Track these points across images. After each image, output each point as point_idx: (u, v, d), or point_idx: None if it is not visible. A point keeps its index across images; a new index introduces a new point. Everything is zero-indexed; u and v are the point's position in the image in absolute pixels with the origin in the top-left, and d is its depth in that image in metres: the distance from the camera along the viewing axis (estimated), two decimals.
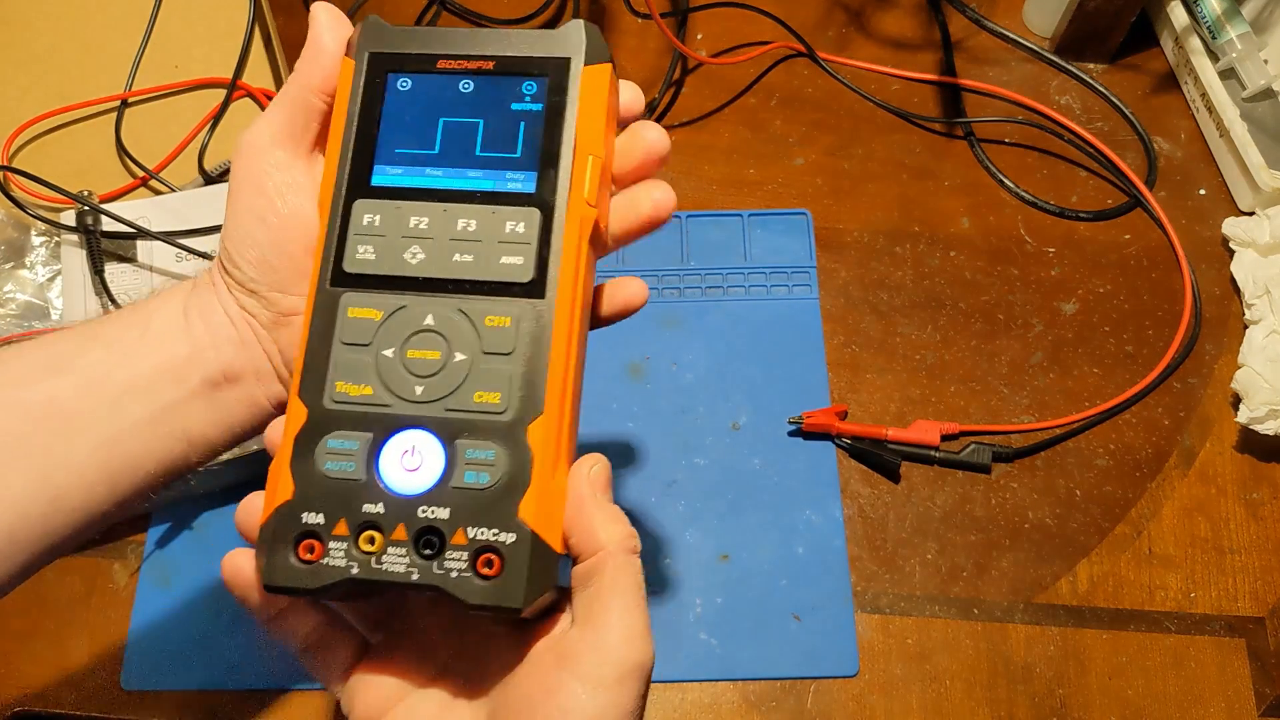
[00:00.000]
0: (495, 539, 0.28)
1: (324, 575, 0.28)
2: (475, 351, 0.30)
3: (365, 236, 0.31)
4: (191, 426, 0.33)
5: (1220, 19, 0.63)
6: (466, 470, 0.29)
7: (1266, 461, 0.55)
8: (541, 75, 0.32)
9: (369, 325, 0.30)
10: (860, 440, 0.54)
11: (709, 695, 0.49)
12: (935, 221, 0.62)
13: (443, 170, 0.32)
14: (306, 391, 0.30)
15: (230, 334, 0.33)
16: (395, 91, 0.33)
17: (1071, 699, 0.49)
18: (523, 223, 0.31)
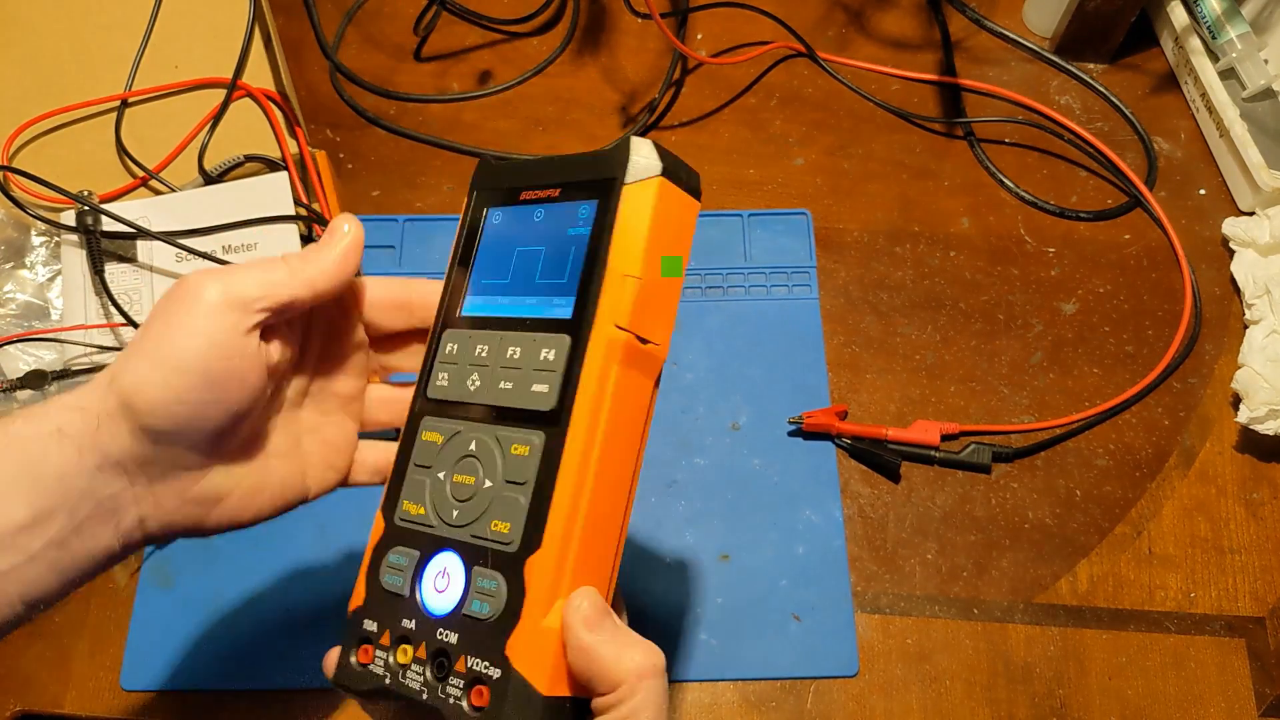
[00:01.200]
0: (485, 671, 0.28)
1: (368, 680, 0.30)
2: (499, 479, 0.30)
3: (445, 364, 0.33)
4: (28, 590, 0.30)
5: (1220, 19, 0.63)
6: (474, 599, 0.29)
7: (1266, 461, 0.55)
8: (591, 198, 0.32)
9: (433, 449, 0.32)
10: (860, 440, 0.54)
11: (709, 695, 0.49)
12: (935, 221, 0.62)
13: (509, 298, 0.33)
14: (386, 506, 0.32)
15: (94, 488, 0.30)
16: (489, 225, 0.34)
17: (1071, 699, 0.49)
18: (553, 350, 0.30)
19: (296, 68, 0.67)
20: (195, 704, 0.49)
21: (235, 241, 0.56)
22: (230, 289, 0.30)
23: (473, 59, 0.69)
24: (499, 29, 0.70)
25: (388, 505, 0.32)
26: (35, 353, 0.54)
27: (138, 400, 0.29)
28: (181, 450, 0.31)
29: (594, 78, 0.68)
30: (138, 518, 0.31)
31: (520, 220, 0.33)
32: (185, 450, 0.31)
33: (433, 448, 0.32)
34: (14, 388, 0.52)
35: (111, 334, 0.54)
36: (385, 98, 0.67)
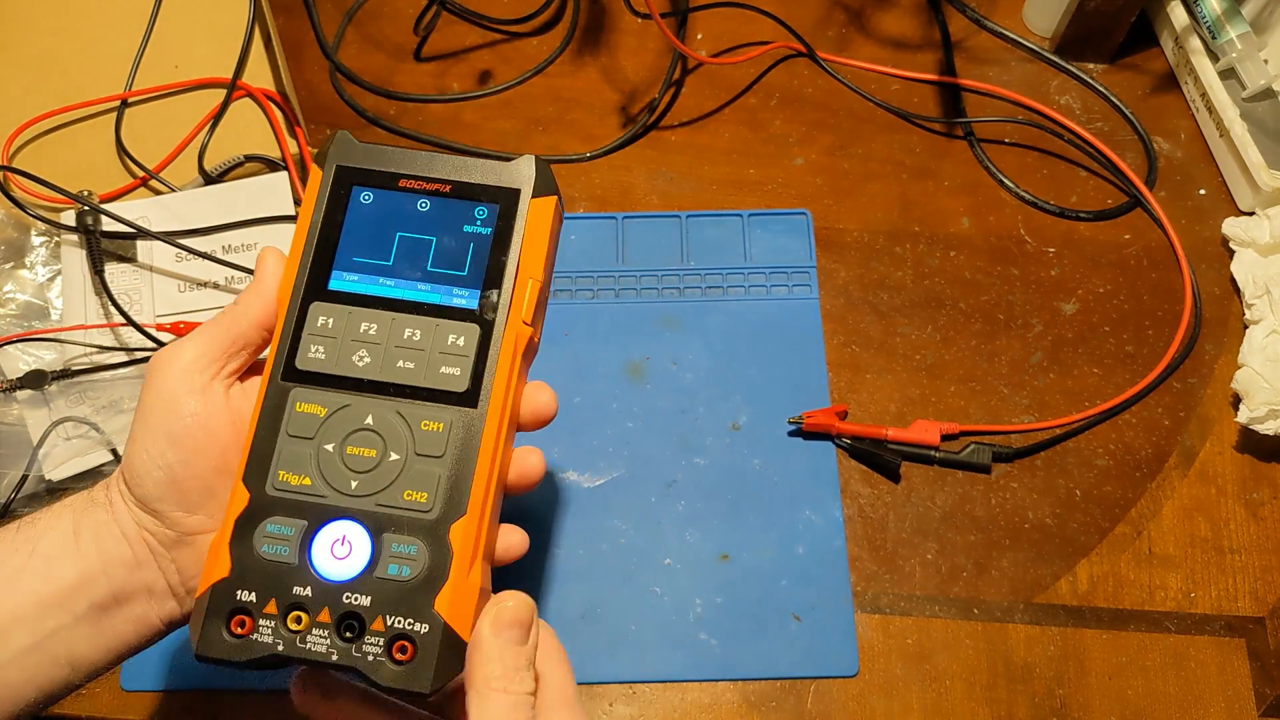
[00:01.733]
0: (410, 628, 0.30)
1: (251, 649, 0.31)
2: (408, 452, 0.32)
3: (318, 337, 0.34)
4: (76, 652, 0.32)
5: (1220, 19, 0.63)
6: (390, 563, 0.31)
7: (1266, 461, 0.55)
8: (493, 202, 0.35)
9: (313, 420, 0.33)
10: (860, 440, 0.54)
11: (709, 695, 0.49)
12: (935, 221, 0.62)
13: (395, 281, 0.35)
14: (250, 477, 0.32)
15: (124, 555, 0.32)
16: (357, 203, 0.35)
17: (1071, 699, 0.49)
18: (463, 337, 0.34)
19: (296, 68, 0.67)
20: (195, 704, 0.49)
21: (235, 241, 0.56)
22: (187, 353, 0.33)
23: (473, 59, 0.69)
24: (499, 29, 0.70)
25: (252, 475, 0.32)
26: (35, 353, 0.54)
27: (128, 473, 0.33)
28: (180, 513, 0.33)
29: (594, 78, 0.68)
30: (166, 586, 0.33)
31: (400, 206, 0.35)
32: (183, 513, 0.33)
33: (313, 419, 0.33)
34: (14, 388, 0.52)
35: (111, 334, 0.54)
36: (385, 98, 0.67)
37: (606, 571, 0.51)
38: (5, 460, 0.51)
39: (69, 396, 0.53)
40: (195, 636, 0.31)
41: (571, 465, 0.54)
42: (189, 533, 0.33)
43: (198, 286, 0.56)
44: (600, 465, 0.54)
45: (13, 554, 0.32)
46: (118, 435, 0.52)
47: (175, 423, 0.32)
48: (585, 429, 0.55)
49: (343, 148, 0.36)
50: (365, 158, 0.36)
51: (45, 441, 0.51)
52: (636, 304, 0.59)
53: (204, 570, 0.32)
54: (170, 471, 0.32)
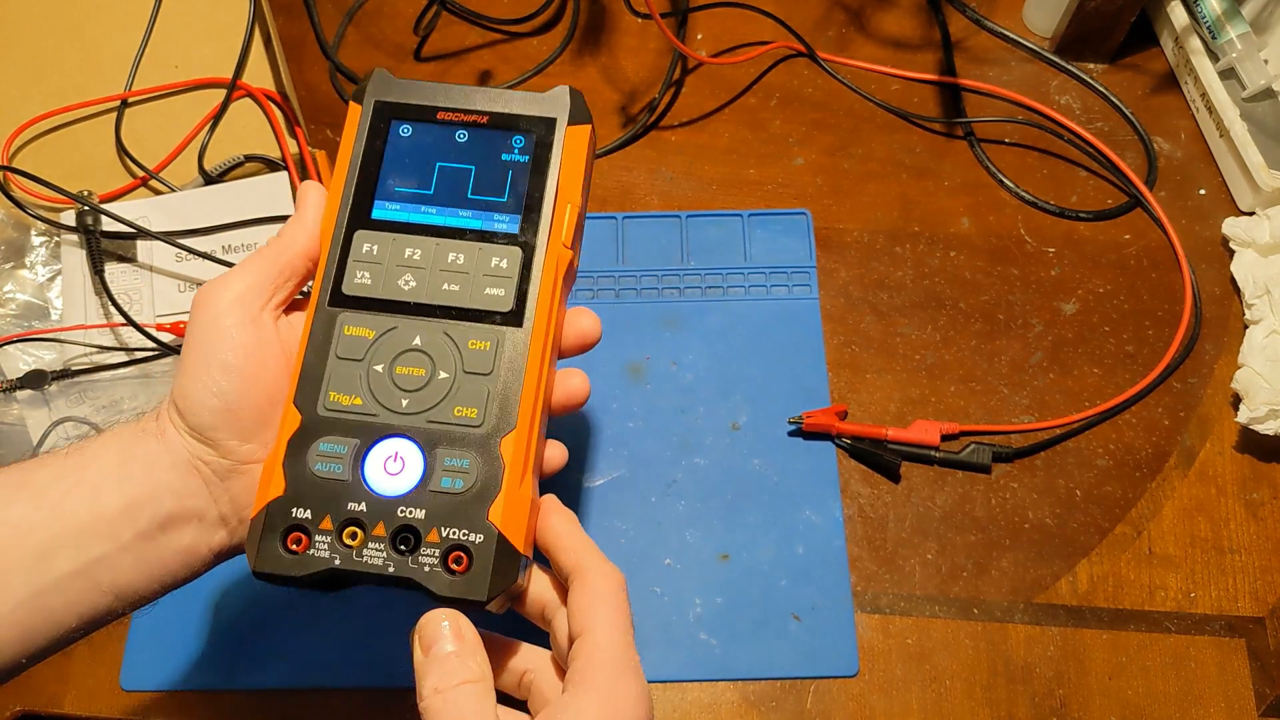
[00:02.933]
0: (465, 538, 0.31)
1: (309, 565, 0.31)
2: (457, 370, 0.33)
3: (363, 263, 0.35)
4: (120, 580, 0.32)
5: (1220, 19, 0.63)
6: (443, 476, 0.32)
7: (1266, 461, 0.55)
8: (530, 131, 0.36)
9: (362, 342, 0.34)
10: (860, 440, 0.54)
11: (709, 695, 0.49)
12: (935, 221, 0.62)
13: (436, 209, 0.35)
14: (302, 399, 0.33)
15: (174, 484, 0.32)
16: (397, 136, 0.36)
17: (1071, 699, 0.49)
18: (506, 259, 0.35)
19: (296, 68, 0.67)
20: (195, 704, 0.49)
21: (235, 241, 0.56)
22: (232, 286, 0.34)
23: (473, 59, 0.69)
24: (499, 29, 0.70)
25: (304, 397, 0.33)
26: (35, 353, 0.54)
27: (182, 403, 0.33)
28: (234, 442, 0.33)
29: (594, 78, 0.68)
30: (218, 515, 0.33)
31: (439, 137, 0.36)
32: (237, 441, 0.33)
33: (361, 342, 0.34)
34: (14, 388, 0.52)
35: (111, 334, 0.54)
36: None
37: None
38: (5, 460, 0.51)
39: (69, 396, 0.53)
40: (252, 554, 0.32)
41: (572, 465, 0.54)
42: (242, 461, 0.33)
43: (198, 286, 0.56)
44: (600, 465, 0.54)
45: (58, 479, 0.32)
46: None
47: (228, 352, 0.33)
48: (585, 429, 0.55)
49: (380, 84, 0.37)
50: (402, 92, 0.37)
51: (45, 441, 0.52)
52: (636, 304, 0.59)
53: (259, 490, 0.32)
54: (225, 399, 0.33)
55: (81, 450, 0.33)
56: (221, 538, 0.34)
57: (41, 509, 0.31)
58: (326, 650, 0.50)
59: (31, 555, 0.30)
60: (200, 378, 0.33)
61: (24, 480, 0.32)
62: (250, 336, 0.33)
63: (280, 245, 0.35)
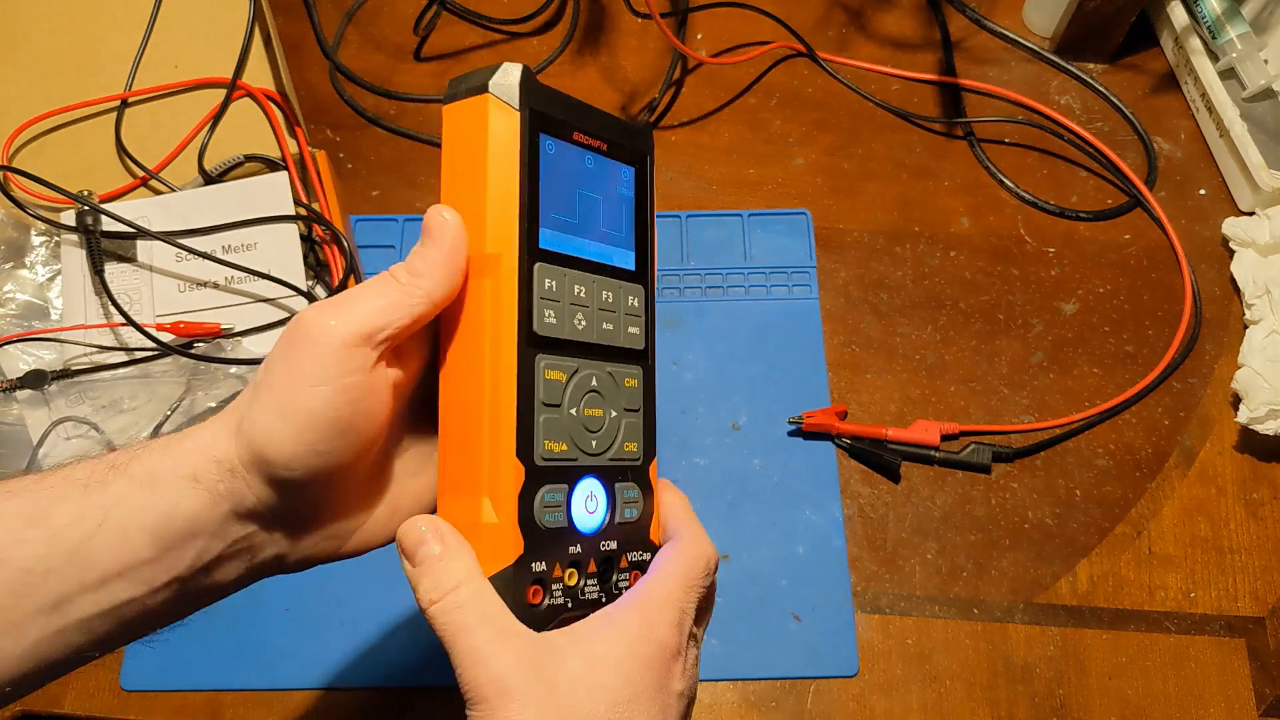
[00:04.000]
0: (642, 559, 0.35)
1: (552, 615, 0.32)
2: (621, 409, 0.35)
3: (547, 301, 0.32)
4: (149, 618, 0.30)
5: (1220, 19, 0.63)
6: (626, 508, 0.35)
7: (1266, 461, 0.55)
8: (632, 165, 0.36)
9: (558, 386, 0.33)
10: (860, 440, 0.54)
11: (709, 695, 0.49)
12: (935, 221, 0.62)
13: (582, 240, 0.34)
14: (523, 451, 0.31)
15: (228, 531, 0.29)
16: (546, 154, 0.33)
17: (1071, 699, 0.49)
18: (637, 299, 0.35)
19: (296, 68, 0.67)
20: (195, 704, 0.49)
21: (235, 241, 0.56)
22: (350, 325, 0.29)
23: (473, 59, 0.69)
24: (499, 29, 0.70)
25: (523, 449, 0.31)
26: (35, 352, 0.54)
27: (270, 453, 0.28)
28: (317, 492, 0.30)
29: (594, 78, 0.68)
30: (274, 555, 0.31)
31: (575, 161, 0.34)
32: (320, 491, 0.30)
33: (558, 386, 0.33)
34: (14, 387, 0.52)
35: (111, 334, 0.54)
36: (385, 98, 0.67)
37: None
38: (5, 460, 0.51)
39: (69, 396, 0.53)
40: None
41: None
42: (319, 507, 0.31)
43: (198, 286, 0.56)
44: None
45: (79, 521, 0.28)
46: (117, 435, 0.52)
47: (347, 408, 0.29)
48: None
49: (529, 84, 0.32)
50: (550, 103, 0.33)
51: (45, 441, 0.51)
52: None
53: (491, 550, 0.31)
54: (329, 458, 0.29)
55: (104, 487, 0.29)
56: (272, 569, 0.31)
57: (58, 553, 0.28)
58: (326, 650, 0.49)
59: (48, 603, 0.28)
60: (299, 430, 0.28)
61: (36, 515, 0.28)
62: (364, 385, 0.29)
63: (415, 290, 0.30)
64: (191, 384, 0.54)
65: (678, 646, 0.31)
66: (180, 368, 0.54)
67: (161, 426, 0.52)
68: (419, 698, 0.49)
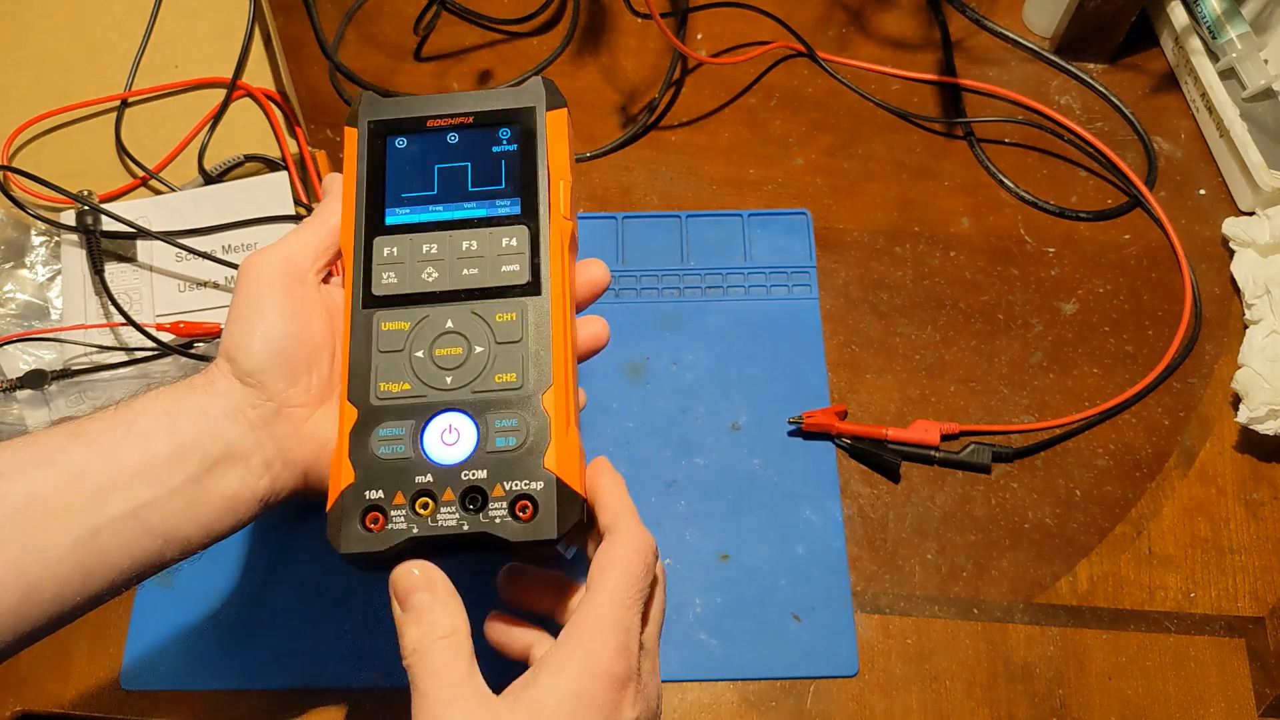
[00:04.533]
0: (528, 488, 0.34)
1: (390, 538, 0.34)
2: (490, 343, 0.36)
3: (387, 265, 0.38)
4: (170, 524, 0.33)
5: (1220, 19, 0.63)
6: (497, 437, 0.35)
7: (1266, 461, 0.55)
8: (513, 123, 0.40)
9: (400, 334, 0.37)
10: (860, 440, 0.54)
11: (709, 695, 0.49)
12: (935, 221, 0.62)
13: (443, 206, 0.39)
14: (354, 393, 0.36)
15: (221, 431, 0.34)
16: (394, 149, 0.40)
17: (1071, 699, 0.49)
18: (515, 238, 0.38)
19: (296, 68, 0.67)
20: (195, 704, 0.49)
21: (235, 241, 0.56)
22: (277, 252, 0.37)
23: (473, 59, 0.69)
24: (499, 29, 0.70)
25: (356, 391, 0.36)
26: (35, 352, 0.54)
27: (234, 351, 0.35)
28: (281, 384, 0.35)
29: (594, 78, 0.68)
30: (263, 460, 0.35)
31: (432, 143, 0.40)
32: (285, 384, 0.36)
33: (399, 334, 0.37)
34: (14, 387, 0.52)
35: (111, 334, 0.54)
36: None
37: None
38: None
39: (69, 396, 0.53)
40: (335, 538, 0.34)
41: None
42: (287, 404, 0.36)
43: (198, 286, 0.56)
44: None
45: (111, 429, 0.34)
46: None
47: (280, 301, 0.36)
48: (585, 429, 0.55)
49: (369, 105, 0.40)
50: (391, 109, 0.40)
51: None
52: (636, 304, 0.59)
53: (330, 484, 0.35)
54: (275, 343, 0.35)
55: (131, 404, 0.35)
56: (266, 483, 0.35)
57: (95, 454, 0.33)
58: (326, 650, 0.49)
59: (87, 497, 0.32)
60: (252, 326, 0.36)
61: (79, 430, 0.34)
62: (297, 292, 0.37)
63: (317, 222, 0.39)
64: None
65: (626, 672, 0.32)
66: (180, 368, 0.54)
67: None
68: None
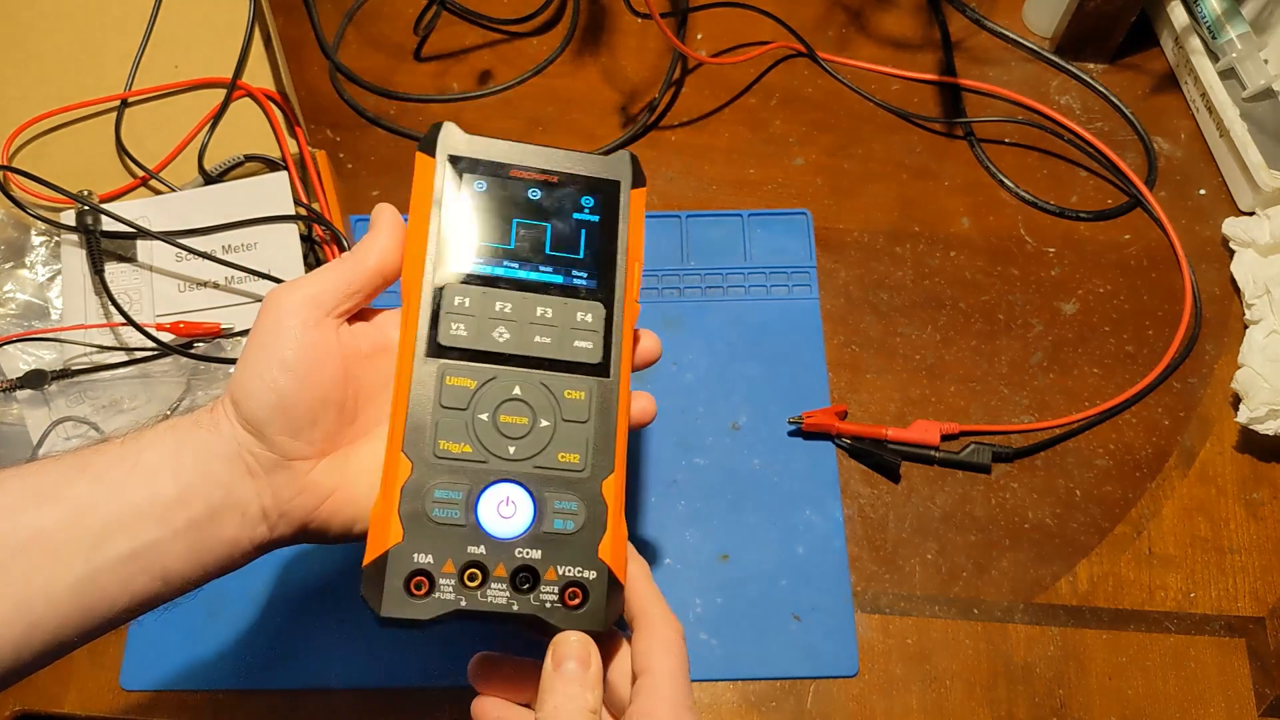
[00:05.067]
0: (580, 575, 0.34)
1: (435, 608, 0.33)
2: (557, 418, 0.35)
3: (458, 316, 0.36)
4: (170, 566, 0.33)
5: (1220, 19, 0.63)
6: (555, 518, 0.34)
7: (1266, 461, 0.55)
8: (598, 192, 0.38)
9: (465, 392, 0.35)
10: (860, 440, 0.54)
11: (709, 695, 0.49)
12: (935, 221, 0.62)
13: (518, 264, 0.37)
14: (411, 447, 0.34)
15: (222, 475, 0.34)
16: (475, 191, 0.38)
17: (1071, 699, 0.49)
18: (590, 314, 0.37)
19: (296, 68, 0.67)
20: (195, 704, 0.49)
21: (235, 241, 0.56)
22: (301, 289, 0.35)
23: (473, 59, 0.69)
24: (499, 29, 0.70)
25: (413, 445, 0.34)
26: (35, 352, 0.54)
27: (238, 395, 0.34)
28: (284, 437, 0.34)
29: (594, 78, 0.68)
30: (260, 510, 0.34)
31: (514, 194, 0.38)
32: (287, 437, 0.34)
33: (464, 391, 0.35)
34: (14, 387, 0.52)
35: (111, 334, 0.54)
36: (385, 98, 0.67)
37: None
38: (5, 460, 0.51)
39: (69, 396, 0.53)
40: (376, 600, 0.32)
41: None
42: (288, 457, 0.34)
43: (198, 286, 0.56)
44: None
45: (118, 463, 0.33)
46: None
47: (289, 350, 0.34)
48: None
49: (450, 137, 0.38)
50: (472, 147, 0.38)
51: (45, 441, 0.51)
52: None
53: (371, 537, 0.33)
54: (281, 395, 0.34)
55: (138, 437, 0.34)
56: (262, 532, 0.35)
57: (101, 489, 0.32)
58: (327, 650, 0.50)
59: (91, 535, 0.32)
60: (259, 372, 0.34)
61: (85, 463, 0.33)
62: (313, 338, 0.35)
63: (355, 259, 0.36)
64: (191, 384, 0.54)
65: None
66: (180, 368, 0.54)
67: None
68: (419, 698, 0.49)
